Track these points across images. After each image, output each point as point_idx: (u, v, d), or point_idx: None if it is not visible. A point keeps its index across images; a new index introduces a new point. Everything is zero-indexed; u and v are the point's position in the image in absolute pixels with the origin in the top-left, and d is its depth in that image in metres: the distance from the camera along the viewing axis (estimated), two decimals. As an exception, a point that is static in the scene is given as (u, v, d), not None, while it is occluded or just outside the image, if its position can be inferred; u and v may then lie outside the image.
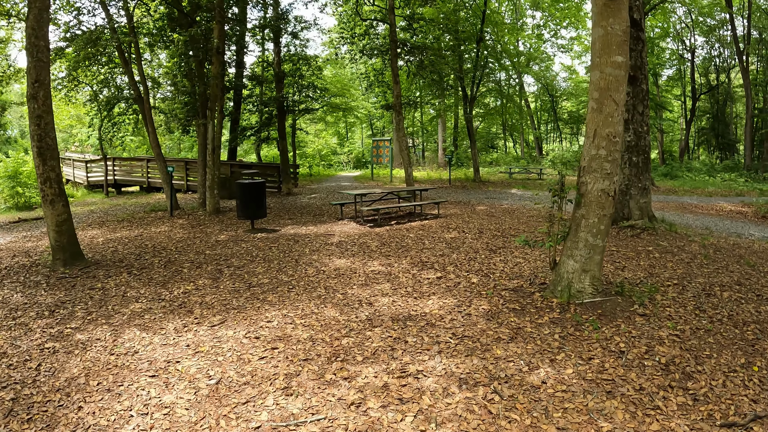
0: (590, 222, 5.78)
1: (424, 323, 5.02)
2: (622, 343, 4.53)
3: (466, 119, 24.04)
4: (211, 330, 4.82)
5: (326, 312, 5.31)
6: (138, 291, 6.21)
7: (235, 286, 6.34)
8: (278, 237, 9.87)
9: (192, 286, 6.34)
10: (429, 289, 6.19)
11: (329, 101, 25.70)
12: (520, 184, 23.32)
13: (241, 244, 9.10)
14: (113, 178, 21.42)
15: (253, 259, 7.85)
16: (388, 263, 7.52)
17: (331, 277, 6.74)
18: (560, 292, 5.89)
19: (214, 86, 12.45)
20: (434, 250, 8.48)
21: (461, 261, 7.70)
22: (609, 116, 5.75)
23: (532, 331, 4.89)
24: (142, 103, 13.84)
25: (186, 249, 8.82)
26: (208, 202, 13.33)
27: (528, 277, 6.82)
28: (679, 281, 6.63)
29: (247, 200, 10.41)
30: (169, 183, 13.53)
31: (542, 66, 43.22)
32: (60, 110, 28.76)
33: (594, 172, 5.74)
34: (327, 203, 15.70)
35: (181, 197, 18.35)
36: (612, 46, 5.65)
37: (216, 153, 13.00)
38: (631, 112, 11.28)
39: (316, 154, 38.97)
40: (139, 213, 14.11)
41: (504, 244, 9.09)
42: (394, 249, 8.59)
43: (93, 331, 4.88)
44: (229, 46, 16.86)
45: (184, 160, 19.96)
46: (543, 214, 13.31)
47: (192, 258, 8.04)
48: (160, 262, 7.76)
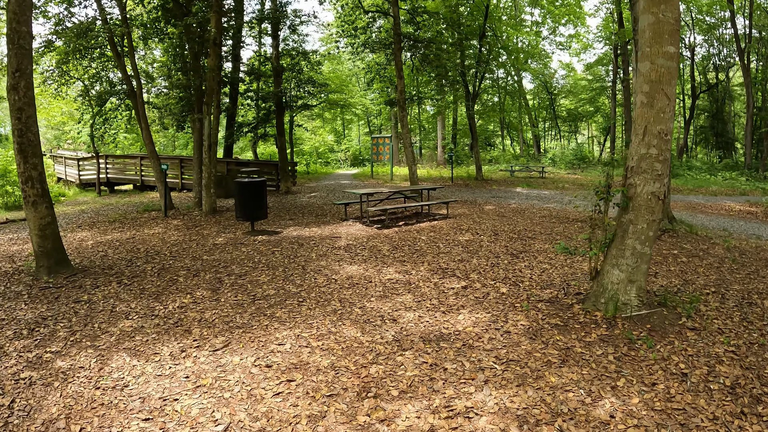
0: (639, 228, 5.19)
1: (460, 344, 4.37)
2: (682, 363, 4.10)
3: (468, 116, 23.42)
4: (214, 355, 4.13)
5: (345, 331, 4.64)
6: (128, 305, 5.51)
7: (237, 298, 5.65)
8: (280, 240, 9.19)
9: (189, 299, 5.65)
10: (456, 301, 5.54)
11: (328, 97, 24.97)
12: (524, 182, 22.73)
13: (241, 248, 8.42)
14: (106, 176, 20.62)
15: (256, 266, 7.16)
16: (405, 270, 6.87)
17: (344, 287, 6.07)
18: (604, 304, 5.30)
19: (210, 79, 11.73)
20: (451, 255, 7.84)
21: (484, 267, 7.06)
22: (660, 111, 5.15)
23: (582, 351, 4.31)
24: (135, 97, 13.11)
25: (181, 254, 8.13)
26: (205, 201, 12.62)
27: (560, 286, 6.22)
28: (717, 289, 6.25)
29: (246, 200, 9.72)
30: (163, 181, 12.81)
31: (540, 63, 42.71)
32: (51, 106, 27.85)
33: (644, 173, 5.13)
34: (328, 202, 15.02)
35: (176, 196, 17.65)
36: (664, 35, 5.08)
37: (212, 150, 12.30)
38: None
39: (314, 152, 38.21)
40: (131, 213, 13.39)
41: (524, 247, 8.47)
42: (408, 253, 7.94)
43: (76, 357, 4.19)
44: (226, 40, 16.14)
45: (179, 158, 19.20)
46: (555, 215, 12.73)
47: (188, 264, 7.35)
48: (153, 270, 7.07)
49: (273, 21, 16.58)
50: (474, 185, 21.13)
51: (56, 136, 40.14)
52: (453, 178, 22.95)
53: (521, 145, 44.38)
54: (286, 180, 18.06)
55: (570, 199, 16.52)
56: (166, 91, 16.75)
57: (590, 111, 45.68)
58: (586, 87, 44.90)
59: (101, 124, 16.02)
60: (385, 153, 25.31)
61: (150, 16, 13.43)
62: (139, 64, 17.39)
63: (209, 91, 11.83)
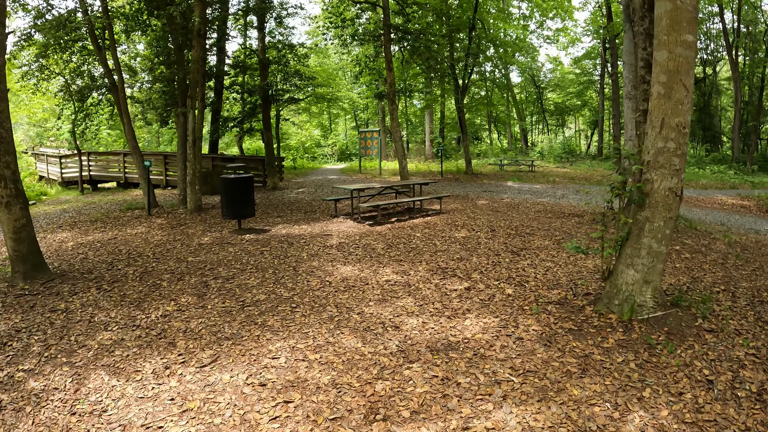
0: (655, 226, 4.89)
1: (471, 354, 4.03)
2: (705, 369, 3.91)
3: (457, 109, 23.10)
4: (201, 373, 3.74)
5: (345, 341, 4.27)
6: (108, 314, 5.09)
7: (225, 305, 5.25)
8: (269, 238, 8.78)
9: (173, 306, 5.23)
10: (461, 305, 5.20)
11: (315, 91, 24.48)
12: (514, 176, 22.49)
13: (227, 249, 8.00)
14: (88, 173, 19.99)
15: (244, 268, 6.76)
16: (403, 270, 6.51)
17: (339, 290, 5.69)
18: (618, 306, 5.02)
19: (194, 71, 11.24)
20: (450, 253, 7.50)
21: (485, 266, 6.73)
22: (678, 103, 4.85)
23: (602, 359, 4.04)
24: (116, 92, 12.57)
25: (165, 255, 7.70)
26: (189, 198, 12.15)
27: (567, 286, 5.92)
28: (726, 287, 6.05)
29: (233, 197, 9.28)
30: (147, 179, 12.31)
31: (528, 57, 42.51)
32: (33, 103, 27.01)
33: (661, 168, 4.83)
34: (317, 198, 14.61)
35: (159, 193, 17.12)
36: (682, 23, 4.79)
37: (197, 145, 11.82)
38: (650, 102, 10.43)
39: (300, 147, 37.67)
40: (114, 212, 12.91)
41: (524, 244, 8.17)
42: (403, 252, 7.58)
43: (51, 376, 3.78)
44: (211, 34, 15.61)
45: (163, 154, 18.62)
46: (550, 209, 12.46)
47: (172, 267, 6.92)
48: (135, 273, 6.63)
49: (259, 12, 16.07)
50: (464, 179, 20.83)
51: (38, 133, 39.19)
52: (443, 173, 22.62)
53: (509, 138, 44.21)
54: (273, 175, 17.59)
55: (564, 194, 16.29)
56: (149, 86, 16.14)
57: (577, 105, 45.64)
58: (574, 81, 44.83)
59: (82, 119, 15.42)
60: (374, 147, 24.91)
61: (132, 7, 12.88)
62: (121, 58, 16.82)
63: (193, 84, 11.34)
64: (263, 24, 16.48)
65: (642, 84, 10.76)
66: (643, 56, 10.79)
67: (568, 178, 22.64)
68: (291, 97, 18.21)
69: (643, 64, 10.77)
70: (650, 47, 10.61)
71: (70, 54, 13.81)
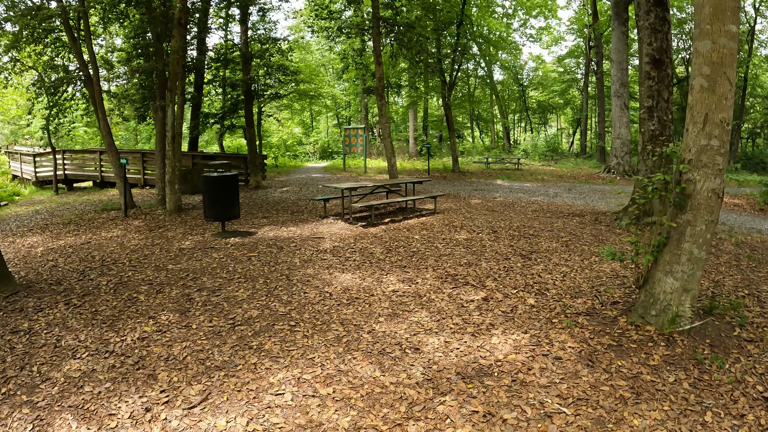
0: (697, 230, 4.41)
1: (509, 380, 3.46)
2: (759, 385, 3.62)
3: (444, 106, 22.58)
4: (190, 417, 3.06)
5: (359, 369, 3.64)
6: (77, 336, 4.39)
7: (213, 324, 4.56)
8: (256, 242, 8.10)
9: (152, 326, 4.54)
10: (482, 318, 4.63)
11: (298, 87, 23.72)
12: (502, 174, 22.06)
13: (211, 254, 7.30)
14: (63, 172, 18.97)
15: (231, 277, 6.07)
16: (409, 278, 5.90)
17: (342, 303, 5.05)
18: (655, 317, 4.55)
19: (174, 62, 10.46)
20: (455, 257, 6.93)
21: (497, 272, 6.17)
22: (722, 98, 4.39)
23: (653, 380, 3.59)
24: (91, 85, 11.74)
25: (142, 262, 6.97)
26: (168, 198, 11.38)
27: (591, 293, 5.42)
28: (750, 291, 5.74)
29: (216, 197, 8.55)
30: (123, 178, 11.51)
31: (511, 55, 42.25)
32: (5, 98, 25.76)
33: (704, 168, 4.35)
34: (303, 197, 13.92)
35: (137, 193, 16.29)
36: (726, 11, 4.36)
37: (176, 141, 11.06)
38: (655, 99, 10.12)
39: (282, 144, 36.79)
40: (89, 213, 12.11)
41: (531, 247, 7.64)
42: (405, 256, 6.98)
43: (8, 421, 3.09)
44: (191, 28, 14.82)
45: (141, 152, 17.74)
46: (547, 208, 12.00)
47: (150, 276, 6.21)
48: (108, 285, 5.91)
49: (242, 4, 15.31)
50: (452, 178, 20.32)
51: (13, 131, 37.71)
52: (430, 171, 22.08)
53: (492, 137, 43.90)
54: (255, 174, 16.85)
55: (556, 192, 15.87)
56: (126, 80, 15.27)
57: (560, 103, 45.56)
58: (557, 79, 44.72)
59: (55, 115, 14.50)
60: (358, 145, 24.24)
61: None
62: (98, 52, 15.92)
63: (173, 76, 10.56)
64: (246, 17, 15.72)
65: (647, 80, 10.33)
66: (648, 51, 10.36)
67: (556, 176, 22.30)
68: (275, 93, 17.47)
69: (648, 60, 10.34)
70: (656, 42, 10.21)
71: (44, 46, 12.99)
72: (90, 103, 13.50)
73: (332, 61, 41.04)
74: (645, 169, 10.10)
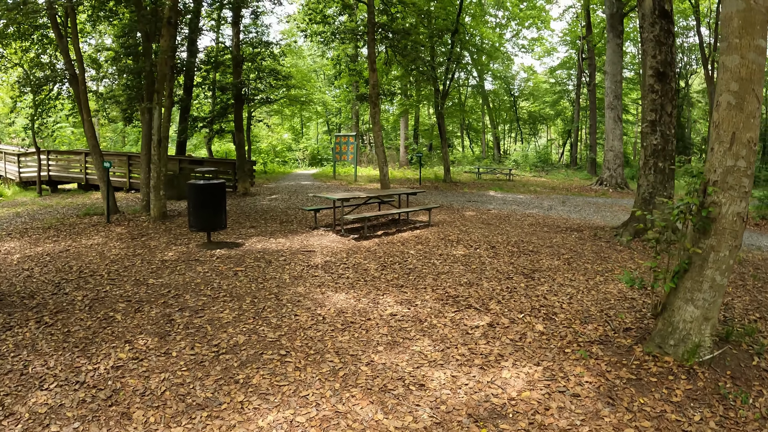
0: (720, 256, 4.13)
1: (525, 423, 3.12)
2: None
3: (437, 114, 22.33)
4: (167, 467, 2.67)
5: (359, 410, 3.24)
6: (46, 361, 3.96)
7: (195, 351, 4.13)
8: (243, 255, 7.69)
9: (128, 352, 4.11)
10: (490, 347, 4.27)
11: (289, 92, 23.34)
12: (494, 185, 21.82)
13: (195, 268, 6.88)
14: (48, 173, 18.36)
15: (216, 295, 5.66)
16: (407, 299, 5.53)
17: (337, 328, 4.66)
18: (674, 347, 4.27)
19: (162, 63, 10.04)
20: (454, 276, 6.57)
21: (501, 293, 5.83)
22: (751, 116, 4.13)
23: (678, 419, 3.32)
24: (77, 84, 11.28)
25: (122, 275, 6.54)
26: (153, 205, 10.93)
27: (601, 318, 5.12)
28: (761, 314, 5.51)
29: (201, 206, 8.12)
30: (106, 181, 11.03)
31: (502, 65, 42.22)
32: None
33: (730, 190, 4.07)
34: (292, 206, 13.51)
35: (122, 197, 15.79)
36: (756, 25, 4.14)
37: (163, 145, 10.62)
38: (659, 113, 9.90)
39: (271, 150, 36.31)
40: (71, 217, 11.64)
41: (532, 264, 7.32)
42: (401, 274, 6.61)
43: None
44: (182, 26, 14.39)
45: (127, 155, 17.19)
46: (543, 222, 11.72)
47: (129, 292, 5.77)
48: (84, 300, 5.47)
49: (234, 5, 14.93)
50: (444, 188, 20.03)
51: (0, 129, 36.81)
52: (421, 181, 21.76)
53: (483, 146, 43.78)
54: (244, 180, 16.40)
55: (551, 204, 15.62)
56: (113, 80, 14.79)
57: (551, 114, 45.58)
58: (549, 90, 44.76)
59: (38, 114, 13.97)
60: (349, 153, 23.89)
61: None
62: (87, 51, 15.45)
63: (161, 77, 10.14)
64: (238, 19, 15.33)
65: (650, 93, 10.08)
66: (652, 64, 10.12)
67: (548, 187, 22.10)
68: (265, 97, 17.06)
69: (652, 73, 10.10)
70: (660, 55, 9.97)
71: (30, 43, 12.56)
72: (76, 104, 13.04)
73: (324, 67, 40.70)
74: (646, 183, 9.88)
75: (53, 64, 13.36)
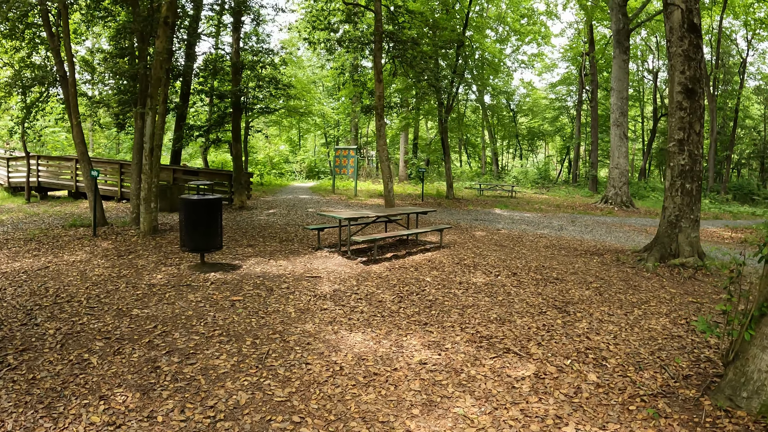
0: (810, 299, 3.40)
1: None
2: None
3: (441, 129, 21.67)
4: None
5: None
6: (3, 423, 3.14)
7: (185, 417, 3.25)
8: (240, 280, 6.91)
9: (103, 414, 3.27)
10: (543, 407, 3.51)
11: (288, 103, 22.65)
12: (499, 202, 21.14)
13: (187, 295, 6.08)
14: (37, 179, 17.49)
15: (210, 333, 4.84)
16: (435, 341, 4.75)
17: (358, 382, 3.85)
18: (747, 400, 3.62)
19: (157, 65, 9.28)
20: (480, 309, 5.82)
21: (537, 332, 5.08)
22: None
23: None
24: (66, 86, 10.55)
25: (103, 302, 5.73)
26: (143, 218, 10.14)
27: (654, 362, 4.50)
28: None
29: (195, 225, 7.31)
30: (94, 191, 10.25)
31: (501, 81, 41.80)
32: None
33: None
34: (292, 223, 12.74)
35: (113, 207, 14.99)
36: None
37: (155, 154, 9.85)
38: (687, 131, 9.25)
39: (268, 162, 35.53)
40: (56, 228, 10.89)
41: (562, 296, 6.60)
42: (422, 308, 5.84)
43: None
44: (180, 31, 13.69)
45: (120, 162, 16.38)
46: (557, 243, 11.04)
47: (110, 325, 4.96)
48: (56, 336, 4.66)
49: (235, 9, 14.25)
50: (447, 204, 19.33)
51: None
52: (423, 197, 21.03)
53: (482, 162, 43.21)
54: (240, 193, 15.62)
55: (560, 224, 14.94)
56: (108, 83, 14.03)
57: (550, 130, 45.17)
58: (548, 106, 44.41)
59: (25, 117, 13.18)
60: (350, 166, 23.17)
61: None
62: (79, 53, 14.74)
63: (155, 81, 9.37)
64: (239, 24, 14.64)
65: (678, 111, 9.40)
66: (680, 80, 9.45)
67: (552, 205, 21.46)
68: (265, 107, 16.33)
69: (681, 89, 9.42)
70: (689, 71, 9.30)
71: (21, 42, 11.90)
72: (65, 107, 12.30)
73: (324, 78, 40.14)
74: (673, 206, 9.28)
75: (45, 66, 12.67)
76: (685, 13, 9.39)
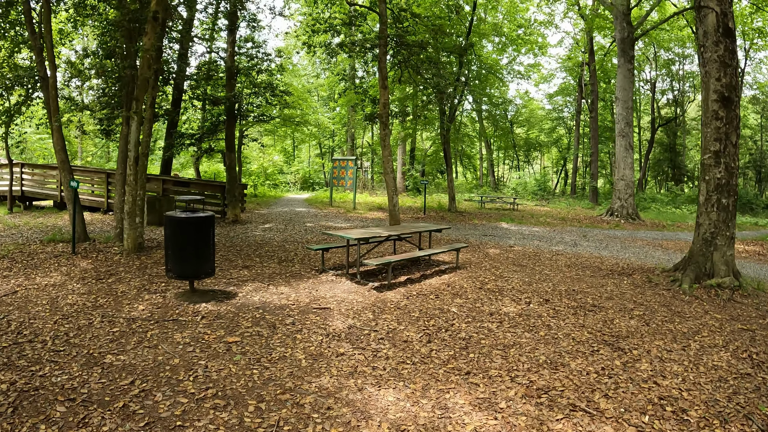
0: None
1: None
2: None
3: (443, 139, 20.85)
4: None
5: None
6: None
7: None
8: (237, 313, 5.93)
9: None
10: None
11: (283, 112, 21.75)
12: (503, 216, 20.30)
13: (173, 335, 5.09)
14: (20, 188, 16.39)
15: (202, 393, 3.83)
16: (485, 399, 3.81)
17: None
18: None
19: (144, 65, 8.32)
20: (524, 349, 4.92)
21: (597, 379, 4.21)
22: None
23: None
24: (47, 88, 9.63)
25: (72, 343, 4.75)
26: (126, 234, 9.15)
27: (735, 410, 3.95)
28: None
29: (183, 247, 6.25)
30: (74, 202, 9.25)
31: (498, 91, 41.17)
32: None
33: None
34: (290, 239, 11.78)
35: (98, 219, 14.00)
36: None
37: (141, 163, 8.89)
38: (723, 143, 8.50)
39: (262, 172, 34.52)
40: (34, 242, 9.92)
41: (608, 327, 5.81)
42: (456, 350, 4.90)
43: None
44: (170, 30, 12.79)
45: (106, 172, 15.32)
46: (576, 262, 10.21)
47: (76, 380, 3.96)
48: (9, 394, 3.68)
49: (230, 10, 13.38)
50: (451, 218, 18.46)
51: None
52: (425, 210, 20.13)
53: (479, 173, 42.45)
54: (234, 206, 14.63)
55: (573, 239, 14.11)
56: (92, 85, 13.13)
57: (547, 141, 44.59)
58: (545, 117, 43.85)
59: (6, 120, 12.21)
60: (348, 178, 22.27)
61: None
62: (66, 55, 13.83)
63: (142, 82, 8.40)
64: (234, 27, 13.75)
65: (714, 121, 8.55)
66: (716, 88, 8.62)
67: (557, 218, 20.67)
68: (260, 114, 15.40)
69: (717, 97, 8.59)
70: (725, 78, 8.46)
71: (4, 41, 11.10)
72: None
73: (320, 87, 39.32)
74: (708, 222, 8.55)
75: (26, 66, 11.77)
76: (720, 16, 8.66)
